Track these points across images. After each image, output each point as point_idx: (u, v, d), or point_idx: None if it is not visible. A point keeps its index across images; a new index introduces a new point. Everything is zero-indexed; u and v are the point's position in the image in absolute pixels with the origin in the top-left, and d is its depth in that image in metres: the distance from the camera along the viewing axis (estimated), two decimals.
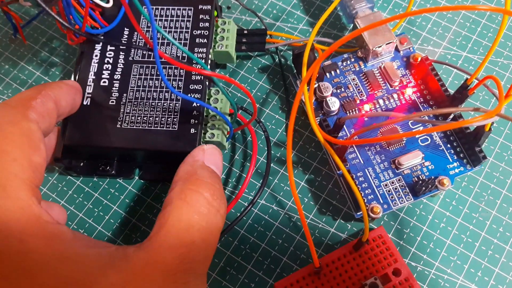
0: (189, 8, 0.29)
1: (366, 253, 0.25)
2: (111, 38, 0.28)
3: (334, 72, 0.29)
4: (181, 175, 0.22)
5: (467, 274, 0.25)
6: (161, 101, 0.26)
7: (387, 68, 0.28)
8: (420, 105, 0.28)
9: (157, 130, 0.26)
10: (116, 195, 0.28)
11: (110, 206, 0.28)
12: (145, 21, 0.28)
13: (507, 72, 0.30)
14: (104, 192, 0.28)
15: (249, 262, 0.26)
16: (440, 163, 0.26)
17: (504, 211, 0.27)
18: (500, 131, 0.29)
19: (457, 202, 0.27)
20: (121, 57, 0.27)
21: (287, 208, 0.27)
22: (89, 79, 0.27)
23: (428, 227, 0.27)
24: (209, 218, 0.20)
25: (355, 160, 0.26)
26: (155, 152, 0.26)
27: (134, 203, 0.28)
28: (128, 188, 0.28)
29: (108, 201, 0.28)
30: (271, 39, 0.30)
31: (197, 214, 0.20)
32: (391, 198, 0.26)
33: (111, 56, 0.28)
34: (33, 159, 0.20)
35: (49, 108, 0.22)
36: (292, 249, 0.26)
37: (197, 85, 0.27)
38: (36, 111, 0.21)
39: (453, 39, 0.31)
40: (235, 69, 0.31)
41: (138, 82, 0.27)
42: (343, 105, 0.28)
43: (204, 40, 0.28)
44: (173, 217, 0.20)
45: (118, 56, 0.28)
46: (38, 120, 0.21)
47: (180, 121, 0.26)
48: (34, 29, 0.33)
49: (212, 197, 0.21)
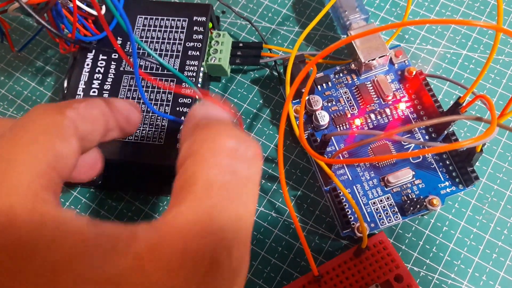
0: (183, 19, 0.28)
1: (367, 259, 0.25)
2: (104, 46, 0.28)
3: (326, 85, 0.28)
4: (185, 133, 0.18)
5: (471, 278, 0.25)
6: (149, 114, 0.26)
7: (380, 82, 0.27)
8: (413, 120, 0.27)
9: (143, 144, 0.25)
10: (113, 205, 0.28)
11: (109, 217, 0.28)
12: (138, 30, 0.28)
13: (504, 78, 0.30)
14: (101, 204, 0.28)
15: (249, 270, 0.26)
16: (431, 182, 0.25)
17: (509, 212, 0.26)
18: (493, 150, 0.28)
19: (460, 205, 0.26)
20: (112, 66, 0.27)
21: (286, 215, 0.27)
22: (79, 87, 0.27)
23: (430, 231, 0.26)
24: (236, 169, 0.16)
25: (343, 176, 0.26)
26: (141, 165, 0.25)
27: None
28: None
29: (106, 212, 0.28)
30: (266, 53, 0.30)
31: (216, 168, 0.15)
32: (378, 217, 0.25)
33: (102, 65, 0.27)
34: (56, 147, 0.17)
35: (94, 114, 0.19)
36: (292, 256, 0.26)
37: (186, 99, 0.26)
38: (77, 111, 0.18)
39: (453, 37, 0.31)
40: (226, 83, 0.31)
41: (127, 93, 0.27)
42: (333, 119, 0.27)
43: (196, 53, 0.27)
44: (186, 182, 0.15)
45: (109, 65, 0.27)
46: (76, 119, 0.18)
47: (166, 136, 0.26)
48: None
49: (232, 140, 0.16)
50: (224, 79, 0.31)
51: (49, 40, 0.33)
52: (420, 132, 0.27)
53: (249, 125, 0.29)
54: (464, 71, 0.30)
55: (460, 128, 0.28)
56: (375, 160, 0.25)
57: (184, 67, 0.27)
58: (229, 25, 0.32)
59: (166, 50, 0.28)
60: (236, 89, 0.30)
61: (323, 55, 0.18)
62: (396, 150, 0.26)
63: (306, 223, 0.27)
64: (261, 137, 0.29)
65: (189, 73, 0.27)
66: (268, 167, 0.28)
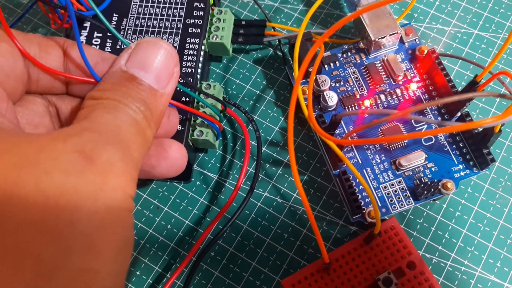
0: None
1: (378, 246, 0.24)
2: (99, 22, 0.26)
3: (334, 64, 0.27)
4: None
5: (485, 265, 0.24)
6: None
7: (390, 61, 0.26)
8: (424, 101, 0.26)
9: None
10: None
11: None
12: (135, 7, 0.27)
13: None
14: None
15: (253, 258, 0.25)
16: (444, 165, 0.24)
17: None
18: (506, 133, 0.27)
19: (472, 189, 0.25)
20: (108, 44, 0.26)
21: (292, 201, 0.26)
22: None
23: (442, 216, 0.25)
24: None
25: (353, 160, 0.25)
26: None
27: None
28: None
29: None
30: (269, 31, 0.28)
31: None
32: (390, 202, 0.24)
33: (97, 43, 0.26)
34: None
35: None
36: (299, 243, 0.25)
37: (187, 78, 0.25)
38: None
39: (463, 16, 0.30)
40: (228, 64, 0.29)
41: None
42: (342, 100, 0.26)
43: (197, 30, 0.26)
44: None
45: (105, 43, 0.26)
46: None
47: None
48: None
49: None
50: (225, 59, 0.29)
51: (40, 18, 0.31)
52: (432, 114, 0.25)
53: (252, 107, 0.28)
54: (476, 51, 0.29)
55: (472, 110, 0.27)
56: (387, 140, 0.23)
57: (185, 45, 0.26)
58: (230, 3, 0.31)
59: (165, 27, 0.26)
60: (238, 69, 0.29)
61: (332, 31, 0.17)
62: (407, 132, 0.25)
63: (314, 209, 0.25)
64: (265, 120, 0.28)
65: (190, 51, 0.26)
66: (272, 151, 0.27)
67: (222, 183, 0.26)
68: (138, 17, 0.26)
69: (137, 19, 0.26)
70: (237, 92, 0.28)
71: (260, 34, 0.28)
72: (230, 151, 0.27)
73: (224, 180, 0.26)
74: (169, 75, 0.19)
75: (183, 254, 0.25)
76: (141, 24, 0.26)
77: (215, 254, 0.25)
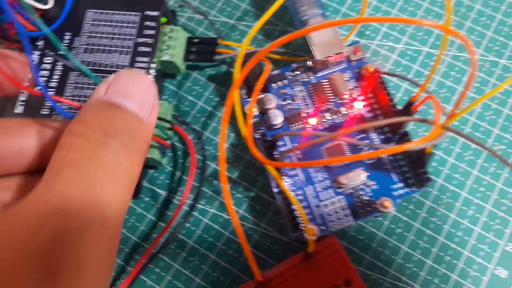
0: (136, 13, 0.27)
1: (317, 263, 0.24)
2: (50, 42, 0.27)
3: (282, 83, 0.27)
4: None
5: (424, 283, 0.24)
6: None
7: (335, 80, 0.26)
8: (368, 120, 0.26)
9: None
10: None
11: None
12: (87, 25, 0.27)
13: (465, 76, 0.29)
14: None
15: (197, 274, 0.25)
16: (384, 183, 0.25)
17: (463, 214, 0.26)
18: (449, 150, 0.27)
19: (414, 206, 0.26)
20: (59, 63, 0.26)
21: (239, 217, 0.26)
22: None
23: (384, 233, 0.25)
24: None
25: (295, 178, 0.25)
26: None
27: None
28: None
29: None
30: (222, 49, 0.29)
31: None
32: (330, 220, 0.24)
33: (49, 61, 0.26)
34: None
35: None
36: (242, 259, 0.25)
37: None
38: None
39: (414, 33, 0.30)
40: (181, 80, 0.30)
41: (73, 91, 0.25)
42: (288, 119, 0.26)
43: (148, 49, 0.26)
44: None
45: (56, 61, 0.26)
46: None
47: None
48: None
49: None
50: (179, 76, 0.30)
51: None
52: (376, 132, 0.26)
53: (203, 124, 0.28)
54: (425, 69, 0.29)
55: (417, 128, 0.28)
56: (322, 163, 0.24)
57: (133, 64, 0.26)
58: (187, 19, 0.31)
59: (116, 46, 0.27)
60: (192, 86, 0.30)
61: (270, 48, 0.18)
62: (350, 149, 0.25)
63: (259, 225, 0.26)
64: (216, 137, 0.28)
65: (140, 70, 0.26)
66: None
67: (170, 199, 0.27)
68: (89, 35, 0.27)
69: (89, 38, 0.27)
70: (189, 109, 0.29)
71: (211, 52, 0.28)
72: (180, 168, 0.28)
73: (172, 196, 0.27)
74: (151, 104, 0.18)
75: (128, 270, 0.25)
76: (93, 43, 0.27)
77: (160, 270, 0.25)
